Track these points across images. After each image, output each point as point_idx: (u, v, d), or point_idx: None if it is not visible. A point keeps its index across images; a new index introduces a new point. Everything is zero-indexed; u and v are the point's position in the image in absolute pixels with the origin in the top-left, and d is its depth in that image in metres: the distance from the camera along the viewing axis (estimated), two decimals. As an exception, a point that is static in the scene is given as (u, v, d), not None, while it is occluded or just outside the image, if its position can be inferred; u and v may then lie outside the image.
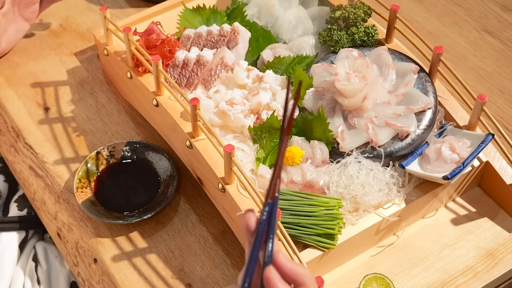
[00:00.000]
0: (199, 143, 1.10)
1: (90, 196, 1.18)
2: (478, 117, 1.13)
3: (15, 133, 1.31)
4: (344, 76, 1.11)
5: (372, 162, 1.10)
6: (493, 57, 1.43)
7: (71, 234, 1.19)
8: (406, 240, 1.13)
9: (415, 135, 1.12)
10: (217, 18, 1.32)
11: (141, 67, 1.20)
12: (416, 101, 1.13)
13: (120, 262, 1.13)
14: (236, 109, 1.12)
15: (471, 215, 1.16)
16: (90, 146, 1.27)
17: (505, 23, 1.49)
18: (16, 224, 1.28)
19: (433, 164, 1.10)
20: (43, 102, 1.35)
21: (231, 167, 1.02)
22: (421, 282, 1.08)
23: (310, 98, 1.14)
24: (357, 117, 1.11)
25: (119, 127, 1.31)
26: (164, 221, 1.17)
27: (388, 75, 1.16)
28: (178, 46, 1.23)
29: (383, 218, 1.08)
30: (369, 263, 1.10)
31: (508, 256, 1.11)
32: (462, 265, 1.10)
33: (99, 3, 1.53)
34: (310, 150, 1.10)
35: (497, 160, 1.15)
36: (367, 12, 1.23)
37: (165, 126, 1.19)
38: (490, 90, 1.37)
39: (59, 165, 1.25)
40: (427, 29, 1.48)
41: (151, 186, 1.20)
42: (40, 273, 1.25)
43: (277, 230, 0.97)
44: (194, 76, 1.20)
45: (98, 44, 1.32)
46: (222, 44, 1.24)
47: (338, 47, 1.22)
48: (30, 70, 1.40)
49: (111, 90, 1.36)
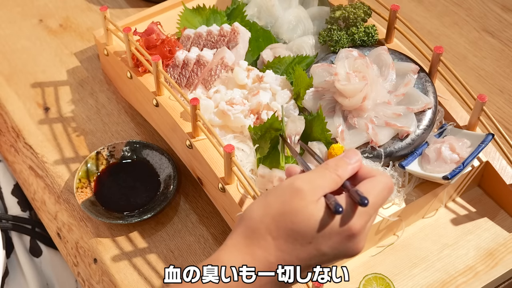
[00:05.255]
0: (199, 143, 1.10)
1: (90, 196, 1.18)
2: (478, 117, 1.13)
3: (15, 133, 1.31)
4: (344, 76, 1.11)
5: (372, 162, 1.10)
6: (493, 57, 1.43)
7: (71, 234, 1.19)
8: (406, 240, 1.13)
9: (415, 135, 1.12)
10: (217, 18, 1.32)
11: (141, 67, 1.20)
12: (416, 101, 1.13)
13: (120, 262, 1.13)
14: (236, 109, 1.12)
15: (471, 215, 1.16)
16: (90, 146, 1.27)
17: (505, 23, 1.49)
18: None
19: (433, 164, 1.10)
20: (43, 102, 1.35)
21: (231, 167, 1.02)
22: (421, 282, 1.08)
23: (310, 98, 1.14)
24: (357, 117, 1.11)
25: (119, 127, 1.31)
26: (164, 221, 1.17)
27: (388, 75, 1.16)
28: (178, 46, 1.23)
29: (383, 218, 1.08)
30: (369, 263, 1.10)
31: (508, 256, 1.11)
32: (462, 265, 1.10)
33: (99, 3, 1.53)
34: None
35: (497, 160, 1.15)
36: (367, 12, 1.23)
37: (165, 126, 1.19)
38: (490, 90, 1.37)
39: (59, 165, 1.25)
40: (427, 29, 1.48)
41: (151, 186, 1.20)
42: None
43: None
44: (194, 76, 1.20)
45: (98, 44, 1.32)
46: (222, 44, 1.24)
47: (338, 47, 1.22)
48: (30, 70, 1.40)
49: (111, 90, 1.36)
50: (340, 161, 0.77)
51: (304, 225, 0.71)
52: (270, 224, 0.72)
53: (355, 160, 0.77)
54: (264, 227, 0.72)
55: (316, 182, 0.73)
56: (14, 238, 1.29)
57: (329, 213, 0.72)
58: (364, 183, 0.76)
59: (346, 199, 0.74)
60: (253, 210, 0.74)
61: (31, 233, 1.30)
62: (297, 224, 0.71)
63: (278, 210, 0.72)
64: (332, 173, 0.75)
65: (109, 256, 1.13)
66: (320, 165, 0.77)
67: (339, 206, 0.71)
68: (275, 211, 0.72)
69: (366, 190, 0.74)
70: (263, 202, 0.74)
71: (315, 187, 0.73)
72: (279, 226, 0.72)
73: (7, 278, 1.27)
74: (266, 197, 0.74)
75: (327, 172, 0.75)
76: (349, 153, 0.78)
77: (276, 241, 0.72)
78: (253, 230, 0.73)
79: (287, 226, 0.72)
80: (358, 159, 0.77)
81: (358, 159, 0.77)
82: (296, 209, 0.72)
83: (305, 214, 0.71)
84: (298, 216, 0.72)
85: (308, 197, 0.72)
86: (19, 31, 1.47)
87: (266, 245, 0.72)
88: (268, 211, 0.73)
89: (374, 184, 0.76)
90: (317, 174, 0.75)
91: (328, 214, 0.72)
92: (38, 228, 1.31)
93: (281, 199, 0.73)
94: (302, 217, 0.71)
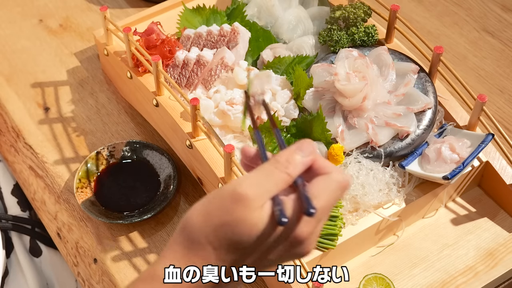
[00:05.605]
0: (199, 143, 1.10)
1: (90, 196, 1.18)
2: (478, 117, 1.13)
3: (15, 133, 1.31)
4: (344, 76, 1.11)
5: (372, 162, 1.10)
6: (493, 57, 1.43)
7: (71, 234, 1.19)
8: (406, 240, 1.13)
9: (415, 135, 1.12)
10: (217, 18, 1.32)
11: (141, 67, 1.20)
12: (416, 101, 1.13)
13: (120, 262, 1.13)
14: (236, 109, 1.12)
15: (471, 215, 1.16)
16: (90, 146, 1.27)
17: (505, 23, 1.49)
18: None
19: (433, 164, 1.10)
20: (43, 102, 1.35)
21: (231, 167, 1.02)
22: (421, 282, 1.08)
23: (310, 98, 1.14)
24: (357, 117, 1.11)
25: (119, 127, 1.31)
26: (164, 221, 1.17)
27: (388, 75, 1.16)
28: (178, 46, 1.23)
29: (383, 218, 1.08)
30: (369, 263, 1.10)
31: (508, 256, 1.11)
32: (462, 265, 1.10)
33: (99, 3, 1.53)
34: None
35: (497, 160, 1.15)
36: (367, 12, 1.23)
37: (165, 126, 1.19)
38: (490, 90, 1.37)
39: (59, 165, 1.25)
40: (427, 29, 1.48)
41: (151, 186, 1.20)
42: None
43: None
44: (194, 76, 1.20)
45: (98, 44, 1.32)
46: (222, 44, 1.24)
47: (338, 47, 1.22)
48: (30, 70, 1.40)
49: (111, 90, 1.36)
50: (292, 156, 0.69)
51: (246, 236, 0.67)
52: (210, 234, 0.67)
53: (309, 152, 0.70)
54: (204, 236, 0.67)
55: (263, 187, 0.67)
56: (14, 238, 1.29)
57: (274, 222, 0.67)
58: (317, 182, 0.69)
59: (293, 204, 0.68)
60: (193, 219, 0.68)
61: (31, 233, 1.30)
62: (239, 236, 0.66)
63: (219, 220, 0.67)
64: (281, 172, 0.68)
65: (109, 256, 1.13)
66: (269, 160, 0.70)
67: (283, 217, 0.66)
68: (216, 221, 0.67)
69: (317, 191, 0.68)
70: (203, 210, 0.69)
71: (261, 193, 0.67)
72: (220, 237, 0.67)
73: (7, 278, 1.27)
74: (207, 204, 0.69)
75: (276, 172, 0.68)
76: (303, 145, 0.71)
77: (217, 251, 0.67)
78: (193, 240, 0.68)
79: (228, 236, 0.67)
80: (312, 151, 0.71)
81: (311, 151, 0.70)
82: (238, 219, 0.66)
83: (248, 225, 0.66)
84: (239, 227, 0.66)
85: (252, 203, 0.66)
86: (19, 31, 1.47)
87: (206, 255, 0.68)
88: (208, 220, 0.68)
89: (327, 184, 0.69)
90: (264, 175, 0.68)
91: (272, 223, 0.67)
92: (38, 228, 1.31)
93: (223, 207, 0.67)
94: (244, 228, 0.66)
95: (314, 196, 0.68)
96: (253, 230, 0.66)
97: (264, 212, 0.67)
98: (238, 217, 0.66)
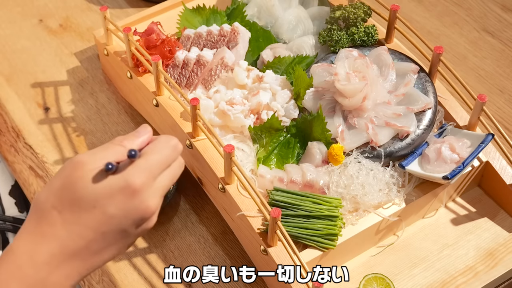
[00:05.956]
0: (199, 143, 1.10)
1: (90, 196, 1.17)
2: (478, 117, 1.13)
3: (15, 133, 1.31)
4: (344, 76, 1.11)
5: (372, 162, 1.10)
6: (493, 57, 1.43)
7: (71, 234, 1.19)
8: (406, 240, 1.13)
9: (415, 135, 1.12)
10: (217, 18, 1.32)
11: (141, 67, 1.20)
12: (416, 101, 1.13)
13: (120, 262, 1.13)
14: (236, 109, 1.12)
15: (471, 215, 1.16)
16: (90, 146, 1.27)
17: (505, 23, 1.49)
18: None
19: (433, 164, 1.10)
20: (43, 102, 1.35)
21: (231, 167, 1.02)
22: (421, 282, 1.08)
23: (310, 98, 1.14)
24: (357, 117, 1.11)
25: (119, 127, 1.31)
26: (164, 221, 1.17)
27: (388, 75, 1.16)
28: (178, 46, 1.23)
29: (383, 218, 1.08)
30: (369, 263, 1.10)
31: (508, 256, 1.11)
32: (462, 265, 1.10)
33: (99, 3, 1.53)
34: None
35: (497, 160, 1.15)
36: (367, 12, 1.23)
37: (165, 126, 1.19)
38: (490, 90, 1.37)
39: (59, 165, 1.25)
40: (427, 29, 1.48)
41: (151, 186, 1.19)
42: None
43: (276, 230, 0.97)
44: (194, 76, 1.20)
45: (98, 44, 1.32)
46: (222, 44, 1.24)
47: (338, 47, 1.22)
48: (30, 70, 1.40)
49: (111, 90, 1.36)
50: (128, 136, 0.79)
51: (84, 191, 0.73)
52: (54, 200, 0.74)
53: (144, 132, 0.79)
54: (50, 204, 0.74)
55: (98, 154, 0.75)
56: (11, 240, 1.29)
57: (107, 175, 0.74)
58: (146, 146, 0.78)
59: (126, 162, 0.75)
60: (40, 194, 0.76)
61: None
62: (77, 192, 0.73)
63: (60, 185, 0.74)
64: (116, 145, 0.77)
65: (109, 256, 1.13)
66: None
67: (109, 164, 0.73)
68: (57, 187, 0.74)
69: (145, 150, 0.76)
70: (47, 185, 0.76)
71: (95, 158, 0.75)
72: (62, 199, 0.74)
73: None
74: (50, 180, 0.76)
75: (111, 145, 0.77)
76: (140, 129, 0.79)
77: (61, 214, 0.73)
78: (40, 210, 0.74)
79: (69, 196, 0.73)
80: (148, 131, 0.79)
81: (147, 131, 0.79)
82: (76, 179, 0.74)
83: (85, 181, 0.73)
84: (77, 184, 0.73)
85: (87, 166, 0.74)
86: (19, 31, 1.47)
87: (52, 221, 0.74)
88: (51, 189, 0.75)
89: (154, 143, 0.78)
90: (100, 147, 0.77)
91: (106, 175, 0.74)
92: None
93: (63, 174, 0.75)
94: (81, 184, 0.73)
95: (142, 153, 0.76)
96: (89, 184, 0.73)
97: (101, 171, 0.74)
98: (76, 177, 0.74)
